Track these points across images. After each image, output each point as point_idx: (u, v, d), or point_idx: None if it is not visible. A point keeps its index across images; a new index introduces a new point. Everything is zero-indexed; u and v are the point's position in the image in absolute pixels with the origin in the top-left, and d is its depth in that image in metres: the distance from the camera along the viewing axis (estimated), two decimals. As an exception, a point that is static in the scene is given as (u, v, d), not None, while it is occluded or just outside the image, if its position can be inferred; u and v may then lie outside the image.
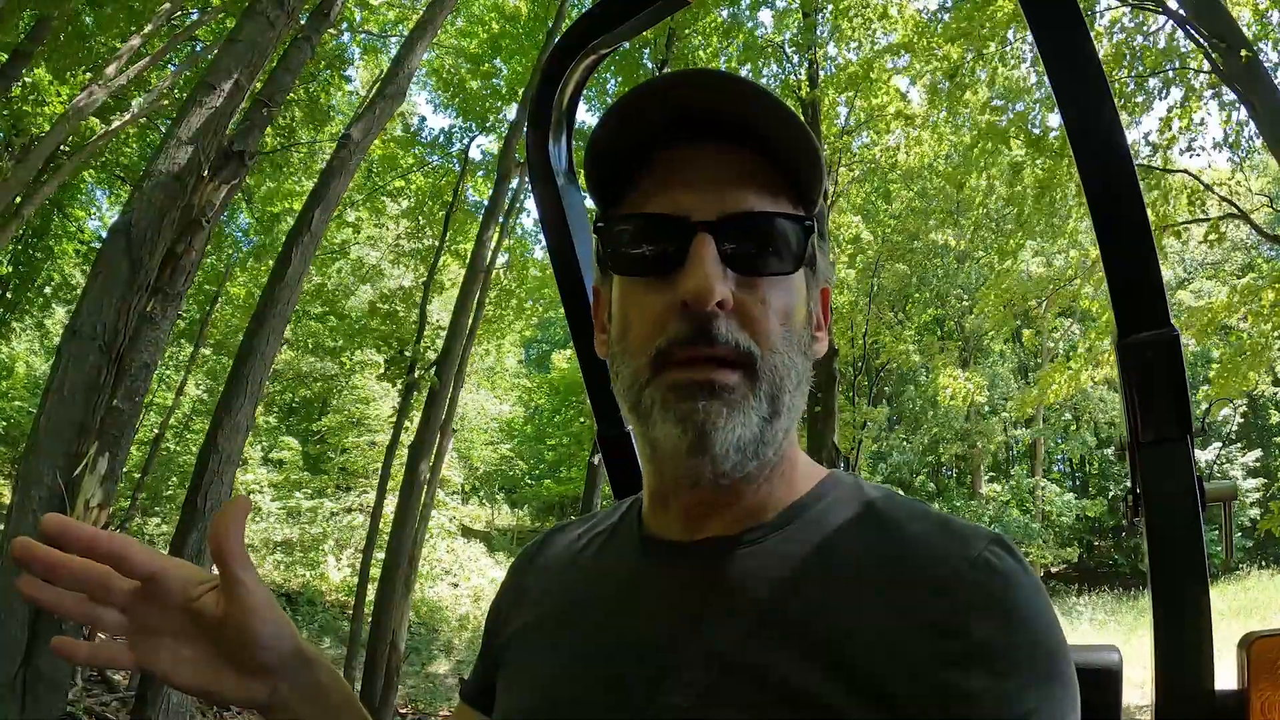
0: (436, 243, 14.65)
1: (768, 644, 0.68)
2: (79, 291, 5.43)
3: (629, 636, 0.75)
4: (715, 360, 0.70)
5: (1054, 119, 10.72)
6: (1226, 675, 1.09)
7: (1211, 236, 9.05)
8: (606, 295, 0.82)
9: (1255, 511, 19.93)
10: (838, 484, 0.80)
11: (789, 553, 0.73)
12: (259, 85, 5.61)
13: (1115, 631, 16.52)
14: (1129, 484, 1.19)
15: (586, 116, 17.42)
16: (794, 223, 0.74)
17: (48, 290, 17.79)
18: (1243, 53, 6.11)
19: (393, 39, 14.13)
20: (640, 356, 0.73)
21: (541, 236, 1.64)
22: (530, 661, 0.84)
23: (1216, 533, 1.28)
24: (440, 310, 18.41)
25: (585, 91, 1.61)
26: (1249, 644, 1.04)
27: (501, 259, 14.22)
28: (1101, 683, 0.90)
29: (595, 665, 0.76)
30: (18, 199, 10.13)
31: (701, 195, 0.73)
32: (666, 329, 0.71)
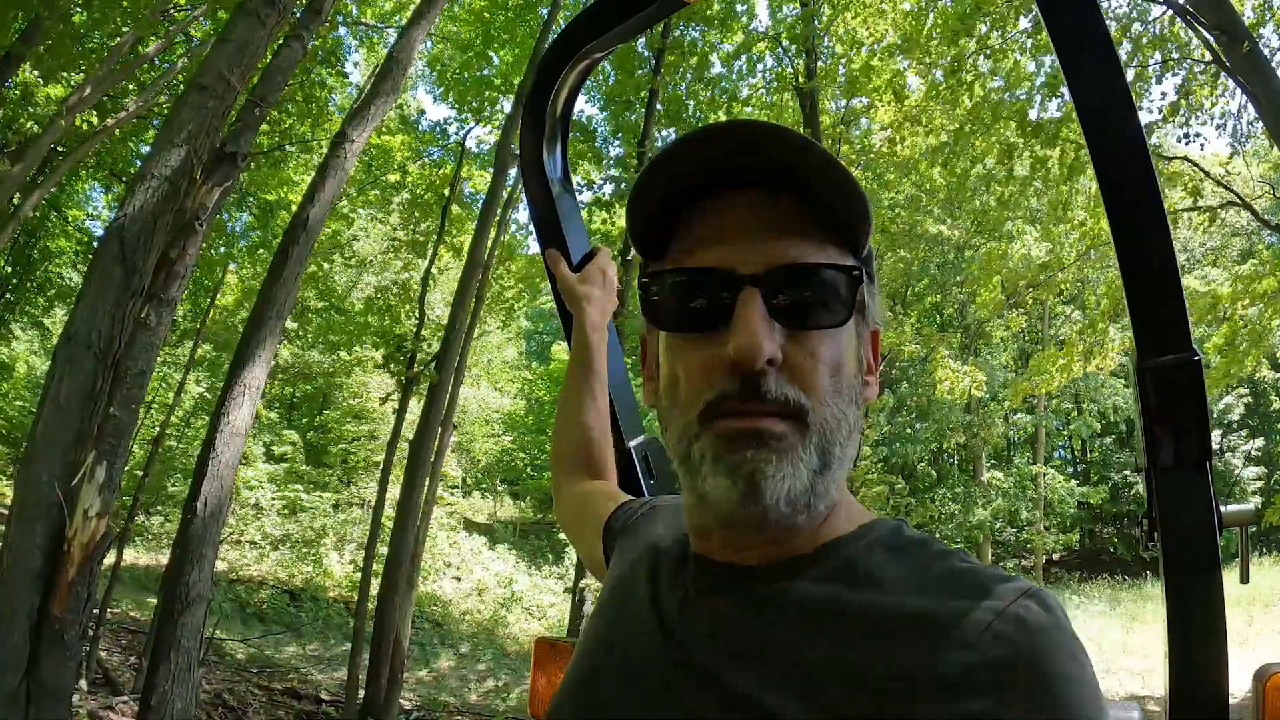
0: (433, 236, 14.62)
1: (769, 679, 0.66)
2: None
3: (651, 639, 0.78)
4: (764, 413, 0.69)
5: (1048, 106, 10.69)
6: (1239, 675, 1.07)
7: (1204, 224, 9.04)
8: (654, 346, 0.83)
9: (1257, 500, 19.93)
10: (877, 528, 0.78)
11: (815, 593, 0.71)
12: (255, 81, 5.58)
13: (1118, 620, 16.55)
14: (1145, 507, 1.17)
15: (587, 108, 17.36)
16: (843, 273, 0.72)
17: (51, 292, 17.82)
18: (1244, 43, 6.06)
19: (390, 30, 14.09)
20: (689, 412, 0.72)
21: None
22: (593, 627, 0.89)
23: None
24: (440, 303, 18.42)
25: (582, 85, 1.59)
26: (1264, 679, 1.02)
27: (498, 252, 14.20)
28: None
29: (620, 663, 0.80)
30: (15, 199, 10.10)
31: (747, 247, 0.72)
32: (714, 385, 0.70)
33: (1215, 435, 24.07)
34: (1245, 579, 1.28)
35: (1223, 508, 1.08)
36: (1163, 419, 1.04)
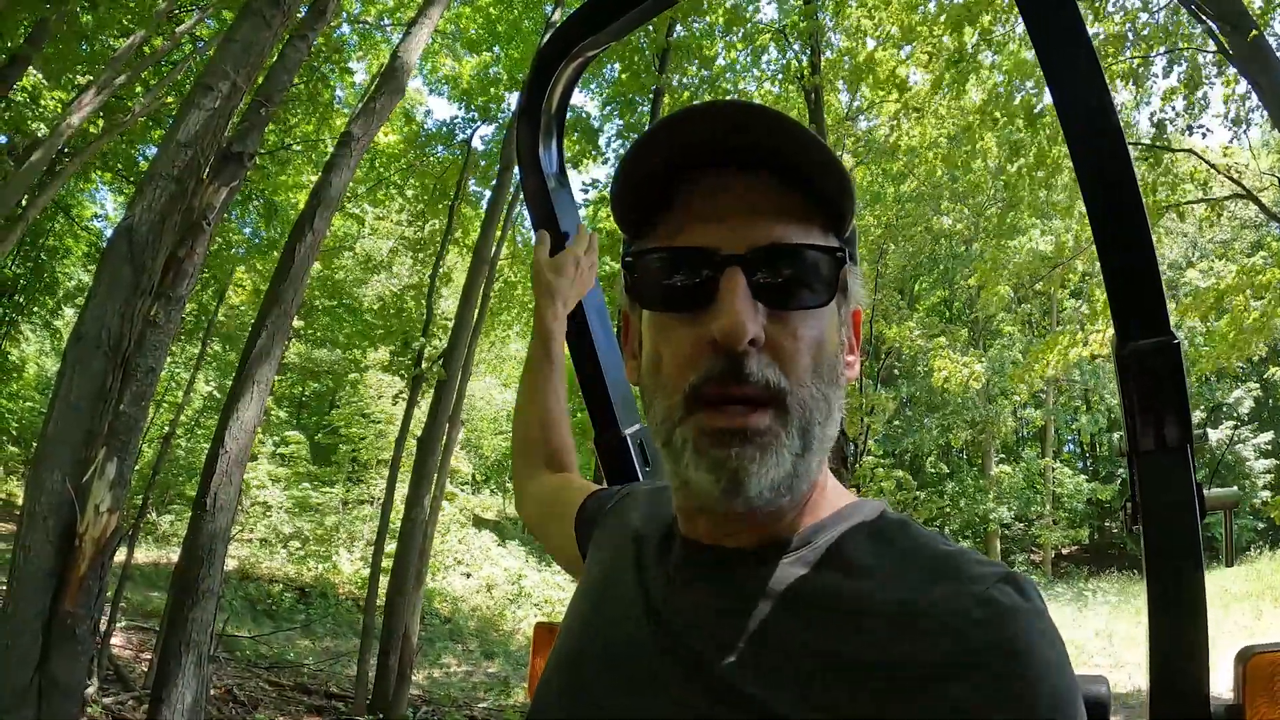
0: (440, 235, 14.64)
1: (757, 670, 0.67)
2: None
3: (637, 625, 0.79)
4: (747, 400, 0.69)
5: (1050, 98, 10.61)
6: (1229, 663, 1.08)
7: (1209, 216, 9.01)
8: (636, 324, 0.83)
9: (1266, 494, 19.81)
10: (858, 511, 0.79)
11: (797, 576, 0.73)
12: (260, 80, 5.61)
13: (1127, 615, 16.50)
14: (1129, 490, 1.18)
15: (587, 103, 17.33)
16: (826, 253, 0.73)
17: (60, 294, 17.90)
18: (1250, 33, 6.04)
19: (391, 27, 14.11)
20: (673, 394, 0.73)
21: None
22: (576, 610, 0.90)
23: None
24: (447, 299, 18.44)
25: (585, 81, 1.61)
26: (1246, 659, 1.02)
27: (505, 249, 14.22)
28: (1090, 716, 0.90)
29: (604, 648, 0.80)
30: (23, 201, 10.15)
31: (731, 227, 0.72)
32: (698, 366, 0.71)
33: (1226, 428, 23.96)
34: (1230, 562, 1.29)
35: (1206, 491, 1.08)
36: (1143, 403, 1.05)
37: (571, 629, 0.88)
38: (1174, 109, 9.09)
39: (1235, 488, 1.24)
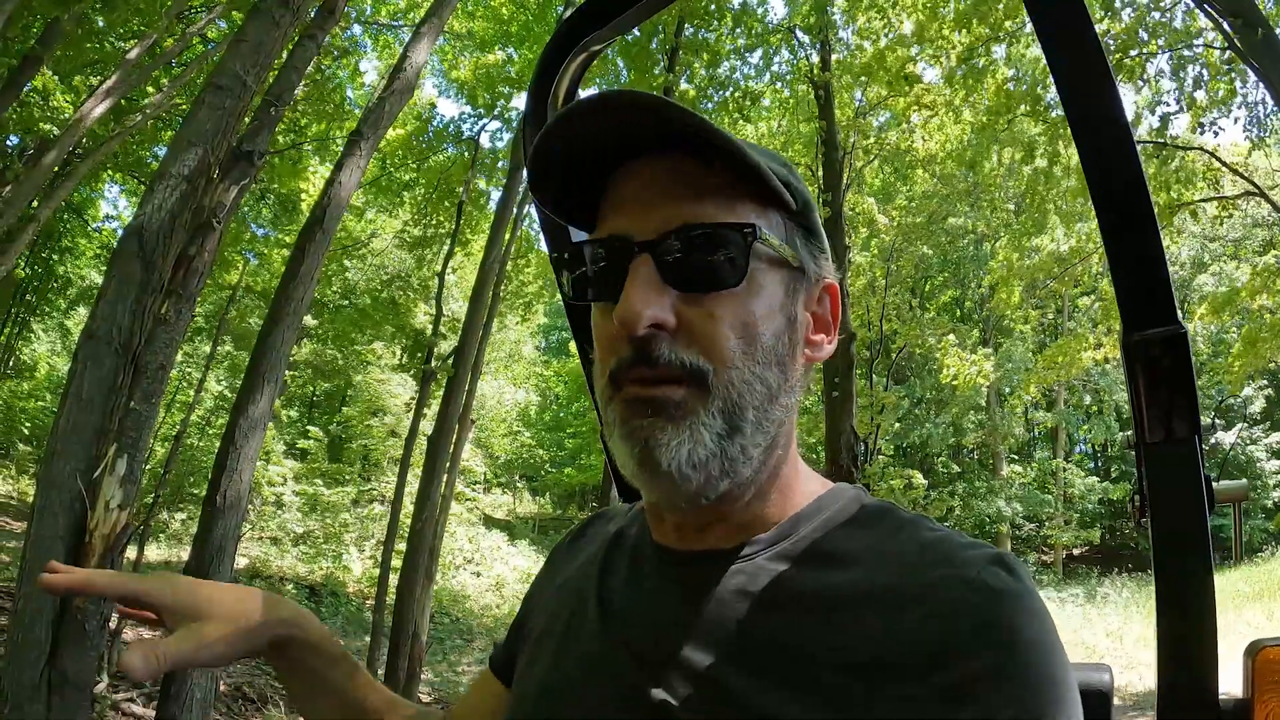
0: (447, 233, 14.66)
1: (748, 668, 0.67)
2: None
3: (623, 640, 0.77)
4: (662, 379, 0.70)
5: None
6: (1237, 666, 1.07)
7: (1220, 216, 8.98)
8: None
9: (1278, 494, 19.63)
10: (837, 498, 0.79)
11: (780, 571, 0.72)
12: (272, 77, 5.63)
13: (1140, 615, 16.39)
14: (1136, 483, 1.17)
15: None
16: (734, 231, 0.71)
17: (71, 293, 18.00)
18: (1259, 29, 6.01)
19: (403, 27, 14.14)
20: (602, 378, 0.74)
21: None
22: (544, 647, 0.86)
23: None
24: (459, 298, 18.48)
25: (594, 82, 1.59)
26: (1255, 652, 1.01)
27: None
28: (1092, 704, 0.89)
29: (591, 665, 0.78)
30: (35, 201, 10.21)
31: (646, 213, 0.72)
32: (616, 354, 0.72)
33: (1237, 429, 23.79)
34: (1239, 554, 1.28)
35: (1215, 484, 1.07)
36: (1150, 393, 1.04)
37: (525, 694, 0.85)
38: (1172, 98, 9.06)
39: (1244, 480, 1.22)
